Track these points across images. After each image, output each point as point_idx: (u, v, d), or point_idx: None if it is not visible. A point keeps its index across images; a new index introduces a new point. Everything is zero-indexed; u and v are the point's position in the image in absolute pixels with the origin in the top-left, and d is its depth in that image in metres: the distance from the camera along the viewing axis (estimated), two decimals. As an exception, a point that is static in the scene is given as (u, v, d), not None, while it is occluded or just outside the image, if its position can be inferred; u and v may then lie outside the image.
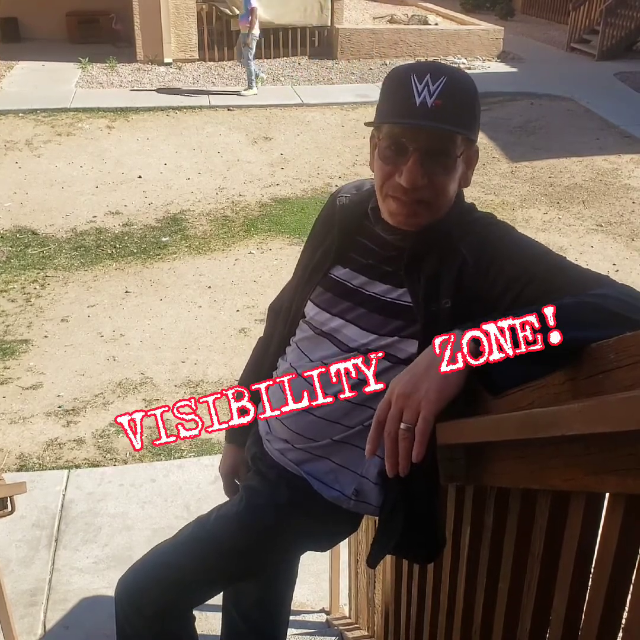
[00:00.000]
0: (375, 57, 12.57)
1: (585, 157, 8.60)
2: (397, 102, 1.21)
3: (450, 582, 1.41)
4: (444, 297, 1.23)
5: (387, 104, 1.23)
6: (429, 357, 1.03)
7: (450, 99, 1.17)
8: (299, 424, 1.40)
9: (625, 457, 0.79)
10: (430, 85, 1.17)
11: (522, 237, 1.27)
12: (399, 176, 1.22)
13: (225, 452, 1.72)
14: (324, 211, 1.51)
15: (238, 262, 6.15)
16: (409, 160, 1.20)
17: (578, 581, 0.94)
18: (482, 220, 1.31)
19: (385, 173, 1.24)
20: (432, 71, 1.19)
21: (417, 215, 1.26)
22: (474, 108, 1.24)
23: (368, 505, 1.40)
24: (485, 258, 1.22)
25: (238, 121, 9.51)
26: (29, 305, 5.40)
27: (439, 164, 1.22)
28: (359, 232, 1.39)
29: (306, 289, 1.43)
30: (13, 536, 3.16)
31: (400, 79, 1.21)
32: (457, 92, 1.19)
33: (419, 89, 1.17)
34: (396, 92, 1.21)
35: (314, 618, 2.81)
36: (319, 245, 1.45)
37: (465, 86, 1.22)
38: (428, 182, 1.22)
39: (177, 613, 1.48)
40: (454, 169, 1.23)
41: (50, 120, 9.16)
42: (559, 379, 0.93)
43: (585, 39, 13.72)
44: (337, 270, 1.39)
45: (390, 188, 1.25)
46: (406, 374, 1.05)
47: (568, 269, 1.17)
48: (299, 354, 1.43)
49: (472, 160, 1.30)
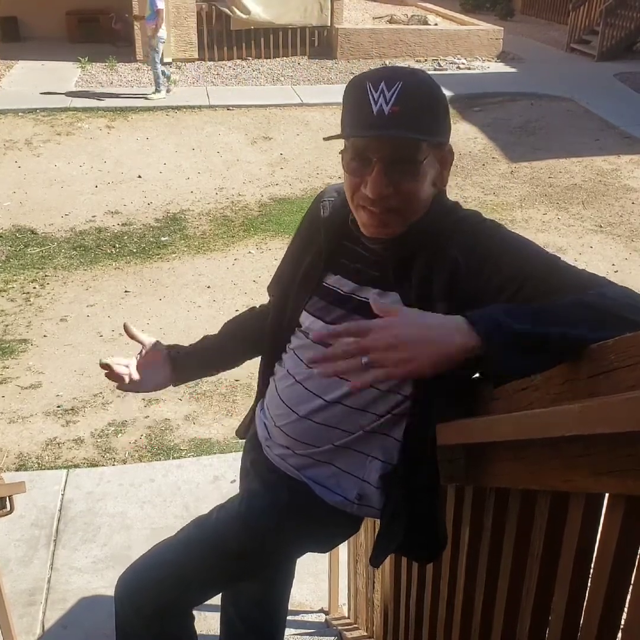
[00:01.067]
0: (375, 57, 12.57)
1: (585, 157, 8.60)
2: (355, 114, 1.20)
3: (449, 582, 1.41)
4: (437, 300, 1.22)
5: (347, 116, 1.23)
6: (448, 327, 0.96)
7: (408, 104, 1.15)
8: (298, 430, 1.39)
9: (624, 458, 0.79)
10: (385, 92, 1.15)
11: (513, 235, 1.25)
12: (365, 187, 1.21)
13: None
14: (308, 215, 1.49)
15: (237, 261, 6.15)
16: (373, 170, 1.19)
17: (578, 581, 0.94)
18: (468, 219, 1.29)
19: (353, 185, 1.24)
20: (386, 78, 1.16)
21: (387, 224, 1.25)
22: (435, 110, 1.21)
23: (371, 509, 1.40)
24: (477, 257, 1.20)
25: (237, 121, 9.51)
26: (28, 305, 5.39)
27: (403, 171, 1.20)
28: (345, 236, 1.37)
29: (300, 299, 1.41)
30: (12, 536, 3.16)
31: (356, 89, 1.20)
32: (415, 96, 1.16)
33: (375, 97, 1.15)
34: (354, 103, 1.20)
35: (313, 618, 2.81)
36: (304, 251, 1.43)
37: (423, 89, 1.19)
38: (394, 190, 1.20)
39: (176, 612, 1.48)
40: (419, 174, 1.21)
41: (50, 119, 9.16)
42: (559, 380, 0.92)
43: (585, 39, 13.72)
44: (329, 278, 1.37)
45: (360, 199, 1.24)
46: (417, 327, 0.96)
47: (564, 269, 1.16)
48: (296, 360, 1.42)
49: (447, 160, 1.27)
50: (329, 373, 0.97)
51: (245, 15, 11.83)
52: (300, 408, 1.39)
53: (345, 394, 1.33)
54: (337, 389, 1.34)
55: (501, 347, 0.93)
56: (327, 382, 1.34)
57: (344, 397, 1.33)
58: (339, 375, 1.00)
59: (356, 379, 0.96)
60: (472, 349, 0.94)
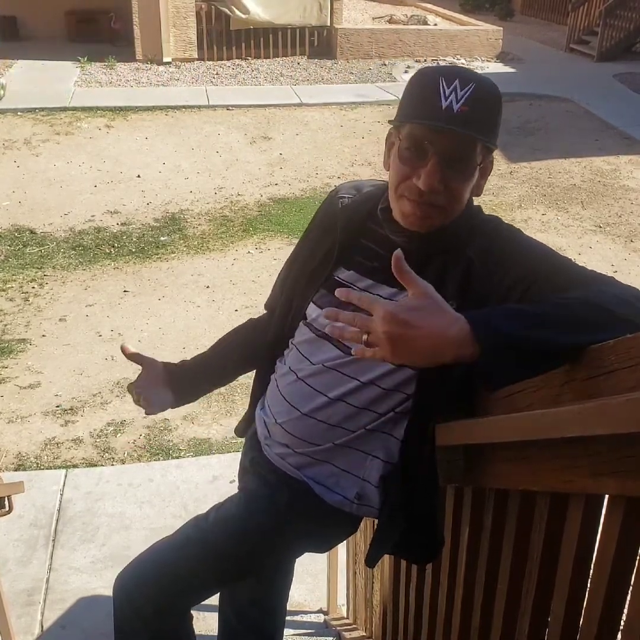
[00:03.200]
0: (375, 57, 12.56)
1: (584, 158, 8.60)
2: (422, 104, 1.19)
3: (448, 583, 1.40)
4: (450, 299, 1.22)
5: (412, 104, 1.22)
6: (447, 320, 0.97)
7: (476, 107, 1.16)
8: (299, 428, 1.39)
9: (624, 459, 0.79)
10: (458, 91, 1.16)
11: (529, 239, 1.27)
12: (417, 179, 1.20)
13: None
14: (322, 211, 1.49)
15: (236, 261, 6.15)
16: (429, 163, 1.19)
17: (577, 583, 0.94)
18: (489, 222, 1.31)
19: (403, 174, 1.23)
20: (461, 77, 1.17)
21: (429, 217, 1.25)
22: (497, 118, 1.23)
23: (370, 509, 1.40)
24: (493, 260, 1.22)
25: (237, 121, 9.50)
26: (27, 305, 5.39)
27: (457, 170, 1.21)
28: (363, 233, 1.37)
29: (308, 291, 1.41)
30: (10, 535, 3.15)
31: (427, 80, 1.20)
32: (484, 100, 1.18)
33: (446, 93, 1.16)
34: (422, 94, 1.19)
35: (311, 618, 2.81)
36: (318, 246, 1.43)
37: (492, 96, 1.21)
38: (444, 187, 1.21)
39: (174, 612, 1.47)
40: (471, 176, 1.23)
41: (49, 119, 9.15)
42: (559, 381, 0.92)
43: (585, 40, 13.72)
44: (341, 272, 1.37)
45: (405, 189, 1.23)
46: (419, 319, 0.96)
47: (572, 269, 1.17)
48: (299, 356, 1.41)
49: (487, 170, 1.29)
50: (335, 333, 1.03)
51: (244, 15, 11.81)
52: (303, 405, 1.38)
53: (349, 391, 1.33)
54: (339, 386, 1.34)
55: (497, 351, 0.94)
56: (331, 380, 1.34)
57: (347, 395, 1.33)
58: (342, 339, 1.06)
59: (358, 349, 1.01)
60: (469, 355, 0.94)
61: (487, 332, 0.95)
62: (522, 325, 0.96)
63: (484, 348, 0.93)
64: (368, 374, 1.32)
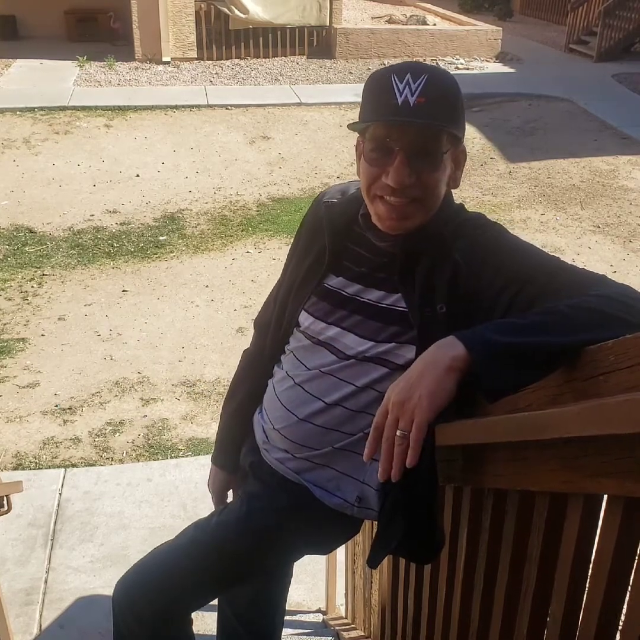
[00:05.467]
0: (374, 57, 12.56)
1: (583, 158, 8.60)
2: (378, 104, 1.19)
3: (447, 583, 1.40)
4: (439, 302, 1.21)
5: (370, 106, 1.22)
6: (422, 364, 1.02)
7: (432, 97, 1.15)
8: (298, 433, 1.39)
9: (623, 459, 0.79)
10: (411, 84, 1.15)
11: (515, 238, 1.26)
12: (386, 177, 1.20)
13: (215, 473, 1.71)
14: (309, 216, 1.48)
15: (235, 261, 6.15)
16: (395, 160, 1.18)
17: (575, 583, 0.94)
18: (472, 221, 1.29)
19: (372, 175, 1.22)
20: (412, 70, 1.17)
21: (407, 217, 1.24)
22: (457, 105, 1.22)
23: (371, 511, 1.39)
24: (479, 259, 1.20)
25: (236, 120, 9.50)
26: (26, 304, 5.39)
27: (425, 161, 1.20)
28: (349, 238, 1.36)
29: (299, 299, 1.41)
30: (9, 535, 3.15)
31: (381, 81, 1.19)
32: (439, 89, 1.17)
33: (400, 88, 1.15)
34: (378, 94, 1.19)
35: (310, 618, 2.80)
36: (306, 252, 1.43)
37: (447, 83, 1.20)
38: (416, 180, 1.20)
39: (175, 617, 1.47)
40: (441, 165, 1.21)
41: (48, 118, 9.14)
42: (557, 381, 0.92)
43: (584, 40, 13.72)
44: (331, 280, 1.37)
45: (377, 189, 1.23)
46: (401, 381, 1.04)
47: (565, 269, 1.16)
48: (295, 362, 1.41)
49: (460, 161, 1.28)
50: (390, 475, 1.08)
51: (244, 15, 11.81)
52: (300, 410, 1.38)
53: (345, 396, 1.33)
54: (337, 391, 1.33)
55: (487, 356, 0.95)
56: (327, 385, 1.34)
57: (344, 400, 1.33)
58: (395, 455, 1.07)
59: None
60: (461, 359, 0.97)
61: (473, 339, 0.98)
62: (513, 332, 0.98)
63: (474, 354, 0.96)
64: (364, 379, 1.31)
